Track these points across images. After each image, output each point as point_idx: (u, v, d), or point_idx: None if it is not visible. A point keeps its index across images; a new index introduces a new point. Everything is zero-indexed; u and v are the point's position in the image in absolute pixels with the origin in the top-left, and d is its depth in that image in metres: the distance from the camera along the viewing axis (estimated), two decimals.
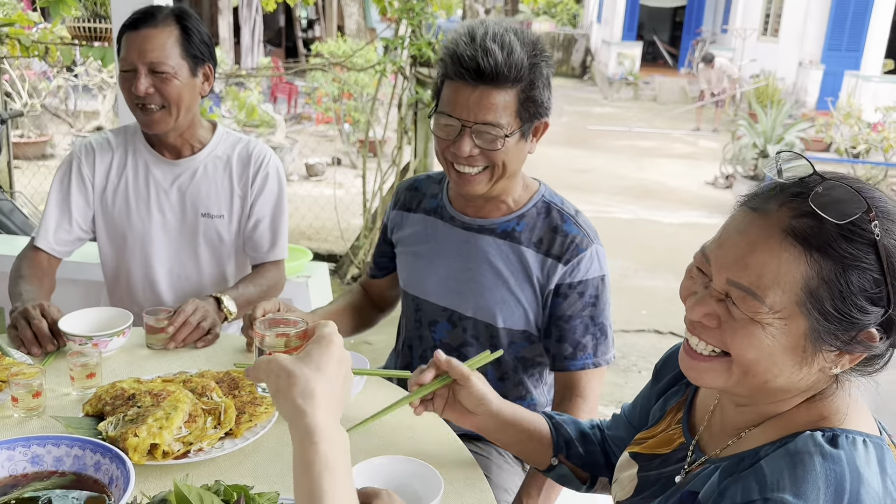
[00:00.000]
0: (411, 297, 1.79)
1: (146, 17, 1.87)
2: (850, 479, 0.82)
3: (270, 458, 1.31)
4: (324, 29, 17.03)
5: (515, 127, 1.52)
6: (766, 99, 11.63)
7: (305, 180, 8.48)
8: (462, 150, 1.52)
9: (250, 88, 9.17)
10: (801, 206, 0.85)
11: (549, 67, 1.55)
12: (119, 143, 2.05)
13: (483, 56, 1.45)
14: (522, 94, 1.50)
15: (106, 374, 1.56)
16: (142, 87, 1.85)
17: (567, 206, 1.68)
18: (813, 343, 0.87)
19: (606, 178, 9.70)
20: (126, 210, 2.02)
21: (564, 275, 1.60)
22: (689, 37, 21.74)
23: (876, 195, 0.86)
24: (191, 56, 1.91)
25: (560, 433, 1.32)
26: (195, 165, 2.03)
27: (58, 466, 1.16)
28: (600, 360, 1.64)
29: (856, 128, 8.76)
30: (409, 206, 1.82)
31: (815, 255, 0.84)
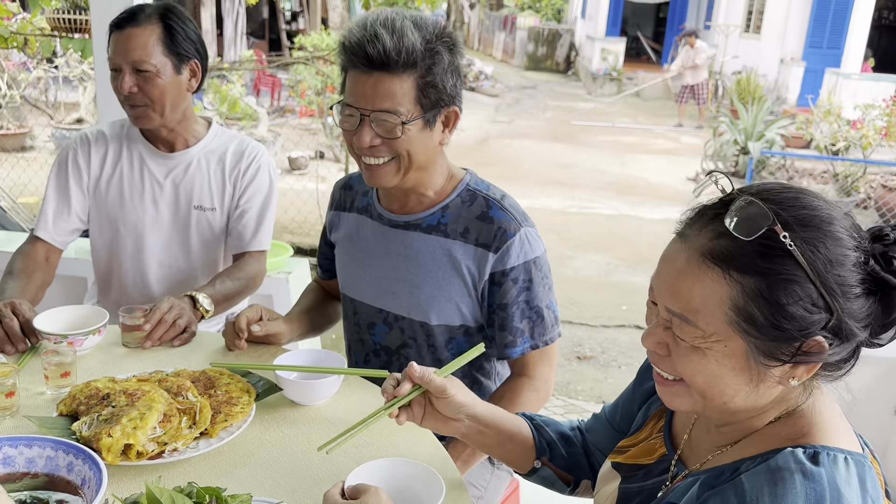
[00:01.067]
0: (349, 300, 1.77)
1: (130, 17, 1.90)
2: (830, 499, 0.82)
3: (245, 458, 1.31)
4: (307, 21, 16.94)
5: (416, 114, 1.49)
6: (748, 96, 11.71)
7: (288, 174, 8.44)
8: (363, 140, 1.50)
9: (233, 81, 9.10)
10: (718, 227, 0.87)
11: (452, 54, 1.51)
12: (114, 134, 2.09)
13: (371, 41, 1.43)
14: (420, 80, 1.47)
15: (81, 373, 1.55)
16: (126, 85, 1.89)
17: (493, 192, 1.64)
18: (757, 361, 0.87)
19: (589, 173, 9.74)
20: (120, 201, 2.06)
21: (496, 263, 1.58)
22: (673, 33, 21.80)
23: (794, 205, 0.86)
24: (174, 54, 1.93)
25: (542, 435, 1.31)
26: (189, 159, 2.06)
27: (30, 468, 1.16)
28: (538, 342, 1.62)
29: (835, 125, 8.83)
30: (343, 206, 1.80)
31: (733, 274, 0.85)
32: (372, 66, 1.45)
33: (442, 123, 1.55)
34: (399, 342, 1.70)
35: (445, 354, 1.67)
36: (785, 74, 14.86)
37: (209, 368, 1.53)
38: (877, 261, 0.86)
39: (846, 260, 0.85)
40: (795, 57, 14.96)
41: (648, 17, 24.85)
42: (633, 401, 1.26)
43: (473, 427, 1.24)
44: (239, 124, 9.03)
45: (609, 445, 1.28)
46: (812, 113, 9.50)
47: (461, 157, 1.90)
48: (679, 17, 22.23)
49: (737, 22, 17.24)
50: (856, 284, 0.85)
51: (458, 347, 1.67)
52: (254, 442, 1.36)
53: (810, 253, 0.83)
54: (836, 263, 0.84)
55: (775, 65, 15.21)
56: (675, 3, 22.49)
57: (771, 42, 15.62)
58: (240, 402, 1.41)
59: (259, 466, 1.29)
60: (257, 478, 1.26)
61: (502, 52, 25.12)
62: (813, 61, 14.46)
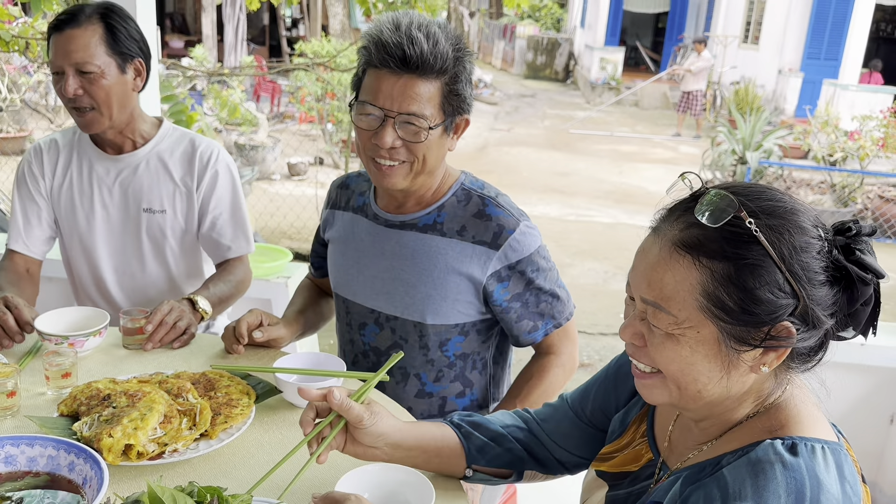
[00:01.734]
0: (342, 299, 1.77)
1: (69, 18, 1.85)
2: (810, 487, 0.85)
3: (245, 459, 1.32)
4: (308, 28, 16.98)
5: (439, 120, 1.50)
6: (746, 106, 11.75)
7: (287, 179, 8.46)
8: (384, 142, 1.48)
9: (233, 87, 9.12)
10: (689, 218, 0.91)
11: (471, 64, 1.54)
12: (66, 142, 2.07)
13: (409, 44, 1.43)
14: (446, 86, 1.49)
15: (81, 374, 1.56)
16: (70, 88, 1.84)
17: (488, 190, 1.66)
18: (728, 346, 0.90)
19: (587, 181, 9.76)
20: (72, 208, 2.03)
21: (499, 259, 1.59)
22: (672, 43, 21.90)
23: (760, 197, 0.91)
24: (118, 53, 1.88)
25: (471, 442, 1.30)
26: (137, 161, 2.02)
27: (31, 467, 1.17)
28: (560, 320, 1.67)
29: (833, 136, 8.87)
30: (338, 205, 1.80)
31: (703, 261, 0.89)
32: (406, 67, 1.45)
33: (454, 130, 1.58)
34: (389, 343, 1.70)
35: (437, 355, 1.68)
36: (783, 85, 14.91)
37: (209, 370, 1.54)
38: (840, 251, 0.90)
39: (810, 247, 0.89)
40: (793, 68, 15.02)
41: (647, 27, 24.95)
42: (607, 399, 1.26)
43: (395, 453, 1.23)
44: (239, 129, 9.05)
45: (571, 435, 1.29)
46: (810, 123, 9.55)
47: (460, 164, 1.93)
48: (678, 27, 22.33)
49: (735, 32, 17.32)
50: (820, 272, 0.89)
51: (453, 349, 1.68)
52: (253, 444, 1.37)
53: (776, 239, 0.87)
54: (800, 250, 0.88)
55: (773, 75, 15.27)
56: (673, 14, 22.59)
57: (769, 53, 15.68)
58: (240, 404, 1.42)
59: (258, 468, 1.29)
60: (257, 479, 1.26)
61: (501, 60, 25.20)
62: (811, 72, 14.52)
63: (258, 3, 6.45)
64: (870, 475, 2.91)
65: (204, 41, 14.92)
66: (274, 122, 11.15)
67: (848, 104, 11.77)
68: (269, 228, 6.47)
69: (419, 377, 1.70)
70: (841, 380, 2.78)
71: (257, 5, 6.48)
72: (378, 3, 5.60)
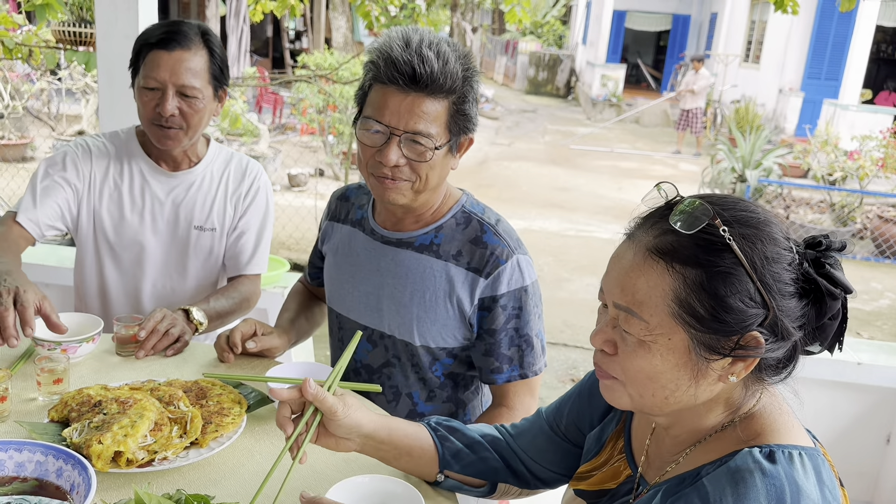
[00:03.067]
0: (335, 314, 1.75)
1: (177, 37, 1.84)
2: (790, 493, 0.85)
3: (235, 468, 1.31)
4: (311, 41, 17.07)
5: (445, 139, 1.48)
6: (746, 124, 11.79)
7: (287, 190, 8.47)
8: (388, 160, 1.46)
9: (235, 97, 9.16)
10: (664, 225, 0.92)
11: (478, 83, 1.52)
12: (114, 149, 2.03)
13: (419, 62, 1.41)
14: (454, 106, 1.47)
15: (74, 380, 1.55)
16: (168, 108, 1.83)
17: (488, 216, 1.62)
18: (698, 355, 0.91)
19: (587, 197, 9.77)
20: (119, 218, 1.99)
21: (486, 288, 1.55)
22: (673, 61, 22.02)
23: (735, 207, 0.93)
24: (215, 79, 1.91)
25: (445, 447, 1.29)
26: (192, 179, 2.02)
27: (19, 472, 1.16)
28: (527, 371, 1.60)
29: (832, 155, 8.89)
30: (337, 216, 1.78)
31: (676, 267, 0.90)
32: (414, 86, 1.42)
33: (458, 149, 1.56)
34: (382, 361, 1.67)
35: (429, 375, 1.65)
36: (783, 104, 14.98)
37: (201, 379, 1.54)
38: (810, 264, 0.91)
39: (781, 258, 0.90)
40: (794, 87, 15.09)
41: (649, 44, 25.10)
42: (581, 415, 1.25)
43: (368, 444, 1.23)
44: (240, 140, 9.07)
45: (547, 449, 1.28)
46: (810, 143, 9.57)
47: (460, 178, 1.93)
48: (679, 45, 22.45)
49: (736, 51, 17.42)
50: (790, 283, 0.90)
51: (444, 369, 1.65)
52: (244, 453, 1.36)
53: (748, 248, 0.89)
54: (772, 261, 0.89)
55: (774, 94, 15.34)
56: (675, 32, 22.73)
57: (770, 72, 15.76)
58: (231, 412, 1.41)
59: (248, 477, 1.29)
60: (246, 488, 1.26)
61: (503, 75, 25.32)
62: (811, 92, 14.59)
63: (261, 15, 6.48)
64: (865, 495, 2.89)
65: None
66: (275, 134, 11.18)
67: (848, 124, 11.81)
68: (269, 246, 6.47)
69: (411, 396, 1.68)
70: (837, 399, 2.79)
71: (260, 17, 6.51)
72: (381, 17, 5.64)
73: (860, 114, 12.49)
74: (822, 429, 2.95)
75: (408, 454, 1.27)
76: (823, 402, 2.78)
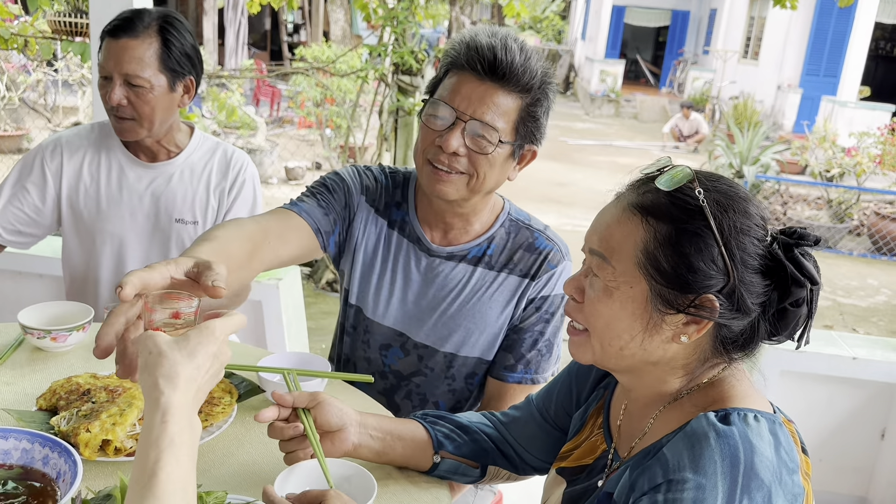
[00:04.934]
0: (362, 315, 1.65)
1: (127, 25, 1.80)
2: (743, 450, 0.88)
3: (224, 457, 1.30)
4: (309, 34, 17.03)
5: (510, 138, 1.43)
6: (744, 120, 11.79)
7: (284, 183, 8.45)
8: (449, 145, 1.39)
9: (232, 90, 9.13)
10: (648, 186, 0.98)
11: (555, 95, 1.48)
12: (92, 140, 2.00)
13: (503, 50, 1.37)
14: (527, 107, 1.43)
15: (63, 368, 1.54)
16: (115, 97, 1.81)
17: (535, 223, 1.62)
18: (654, 307, 0.96)
19: (585, 192, 9.76)
20: (97, 211, 1.97)
21: (531, 289, 1.56)
22: (672, 57, 22.01)
23: (718, 181, 0.97)
24: (169, 69, 1.85)
25: (436, 430, 1.30)
26: (171, 170, 1.98)
27: (5, 459, 1.15)
28: (538, 377, 1.59)
29: (830, 152, 8.89)
30: (376, 204, 1.62)
31: (650, 220, 0.95)
32: (492, 74, 1.38)
33: (520, 158, 1.51)
34: (413, 369, 1.64)
35: (461, 385, 1.63)
36: (782, 101, 14.98)
37: None
38: (780, 246, 0.94)
39: (751, 232, 0.94)
40: (792, 84, 15.09)
41: (648, 40, 25.07)
42: (569, 397, 1.28)
43: (363, 437, 1.24)
44: (237, 133, 9.05)
45: (536, 437, 1.30)
46: (807, 139, 9.57)
47: None
48: (678, 41, 22.44)
49: (735, 48, 17.41)
50: (755, 258, 0.93)
51: (478, 380, 1.64)
52: (233, 442, 1.35)
53: (719, 214, 0.92)
54: (740, 231, 0.93)
55: (772, 91, 15.34)
56: (674, 28, 22.71)
57: (769, 68, 15.76)
58: (221, 402, 1.40)
59: (238, 466, 1.28)
60: (236, 478, 1.25)
61: None
62: (810, 88, 14.59)
63: (258, 7, 6.46)
64: (860, 490, 2.89)
65: (205, 44, 14.95)
66: (273, 127, 11.15)
67: (846, 121, 11.82)
68: None
69: (437, 405, 1.66)
70: (832, 394, 2.78)
71: (258, 9, 6.49)
72: (378, 10, 5.61)
73: (858, 110, 12.50)
74: (816, 423, 2.96)
75: (400, 439, 1.27)
76: (819, 396, 2.78)
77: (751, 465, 0.86)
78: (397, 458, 1.28)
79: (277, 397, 1.20)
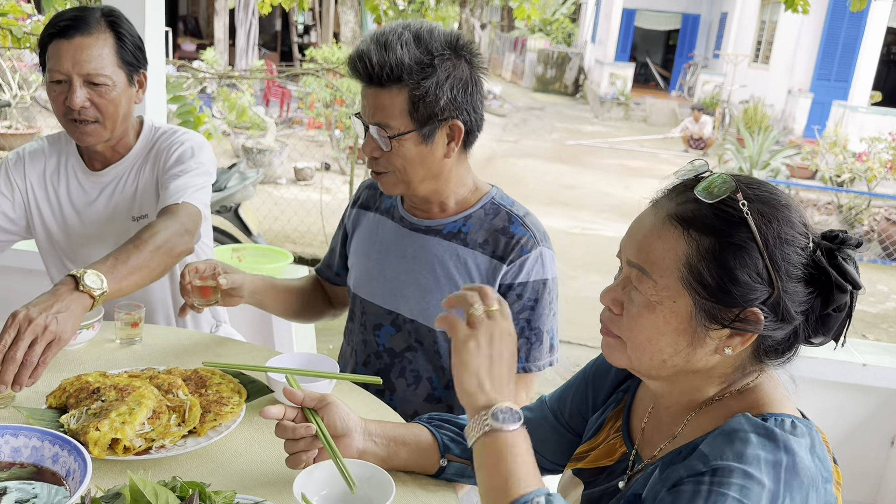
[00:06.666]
0: (359, 299, 1.75)
1: (77, 24, 1.73)
2: (785, 451, 0.87)
3: (233, 457, 1.31)
4: (320, 35, 17.07)
5: (408, 128, 1.50)
6: (755, 125, 11.74)
7: (293, 184, 8.47)
8: (364, 150, 1.55)
9: (242, 90, 9.16)
10: (688, 195, 0.95)
11: (458, 67, 1.50)
12: (53, 151, 1.95)
13: (360, 57, 1.47)
14: (411, 93, 1.47)
15: (73, 367, 1.55)
16: (77, 100, 1.73)
17: (517, 208, 1.65)
18: (699, 321, 0.94)
19: (593, 195, 9.75)
20: (62, 222, 1.94)
21: (506, 275, 1.57)
22: (682, 60, 21.96)
23: (760, 187, 0.95)
24: (127, 63, 1.80)
25: (442, 434, 1.30)
26: (122, 172, 1.92)
27: (15, 457, 1.15)
28: (530, 365, 1.59)
29: (841, 157, 8.86)
30: (367, 205, 1.80)
31: (692, 233, 0.93)
32: (370, 80, 1.49)
33: (446, 136, 1.55)
34: (404, 345, 1.69)
35: (448, 363, 1.65)
36: (792, 105, 14.92)
37: (201, 368, 1.53)
38: (823, 253, 0.93)
39: (794, 241, 0.92)
40: (803, 88, 15.03)
41: (658, 43, 25.02)
42: (584, 400, 1.27)
43: (371, 442, 1.25)
44: (247, 133, 9.08)
45: (549, 440, 1.29)
46: (818, 144, 9.53)
47: None
48: (689, 44, 22.39)
49: (746, 51, 17.36)
50: (799, 267, 0.92)
51: None
52: (242, 442, 1.35)
53: (763, 225, 0.91)
54: (784, 242, 0.91)
55: (783, 95, 15.28)
56: (685, 31, 22.66)
57: (779, 72, 15.70)
58: (230, 402, 1.40)
59: (246, 466, 1.28)
60: (244, 478, 1.25)
61: (511, 72, 25.28)
62: (820, 93, 14.53)
63: (269, 8, 6.48)
64: (869, 497, 2.87)
65: (216, 45, 15.01)
66: (282, 127, 11.18)
67: (857, 126, 11.77)
68: (272, 231, 6.47)
69: (430, 381, 1.69)
70: (842, 401, 2.77)
71: (269, 10, 6.50)
72: (389, 11, 5.62)
73: (869, 115, 12.44)
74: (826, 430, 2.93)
75: (404, 444, 1.27)
76: (828, 403, 2.76)
77: (792, 465, 0.86)
78: (402, 463, 1.28)
79: (288, 393, 1.21)
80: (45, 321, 1.32)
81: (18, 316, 1.32)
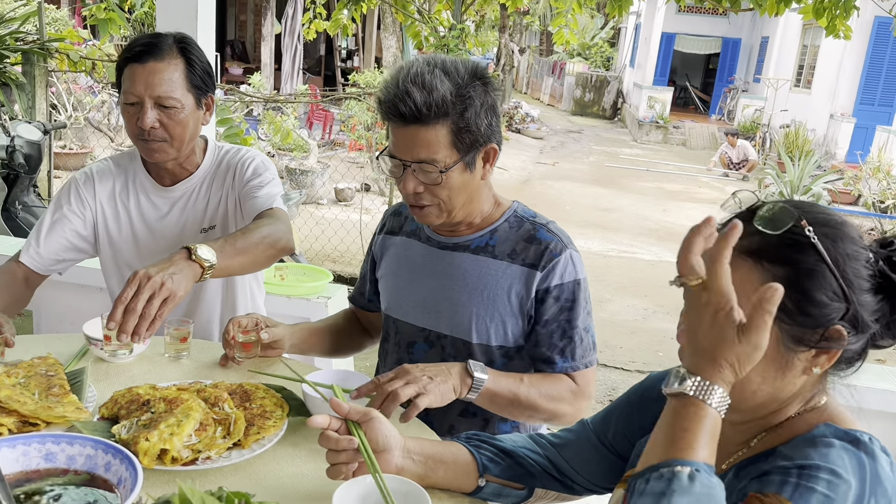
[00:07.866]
0: (392, 320, 1.80)
1: (151, 49, 1.84)
2: (868, 460, 0.90)
3: (275, 470, 1.35)
4: (362, 60, 17.33)
5: (454, 159, 1.55)
6: (796, 149, 11.59)
7: (334, 204, 8.58)
8: (407, 188, 1.57)
9: (287, 113, 9.35)
10: (749, 228, 0.96)
11: (487, 94, 1.55)
12: (120, 170, 2.05)
13: (402, 99, 1.50)
14: (454, 126, 1.53)
15: (124, 379, 1.61)
16: (148, 121, 1.83)
17: (539, 218, 1.71)
18: (787, 347, 0.96)
19: (631, 218, 9.70)
20: (131, 237, 2.02)
21: (542, 281, 1.62)
22: (722, 84, 21.77)
23: (813, 209, 0.99)
24: (196, 87, 1.90)
25: (481, 453, 1.33)
26: (192, 187, 2.02)
27: (70, 465, 1.20)
28: (579, 363, 1.64)
29: (885, 182, 8.70)
30: (393, 230, 1.85)
31: (765, 264, 0.96)
32: (406, 120, 1.52)
33: (482, 160, 1.61)
34: (438, 360, 1.70)
35: None
36: (834, 130, 14.68)
37: (246, 382, 1.58)
38: (885, 262, 0.98)
39: (859, 256, 0.97)
40: (846, 113, 14.78)
41: (697, 67, 24.84)
42: (630, 424, 1.27)
43: (410, 459, 1.27)
44: (290, 154, 9.25)
45: (591, 461, 1.30)
46: (861, 169, 9.37)
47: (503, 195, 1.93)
48: (729, 68, 22.19)
49: (787, 76, 17.14)
50: (866, 279, 0.96)
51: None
52: (284, 456, 1.40)
53: (830, 246, 0.95)
54: (851, 258, 0.96)
55: (825, 120, 15.04)
56: (725, 55, 22.47)
57: (821, 97, 15.47)
58: (273, 416, 1.45)
59: (287, 479, 1.32)
60: (285, 490, 1.29)
61: (549, 96, 25.33)
62: (864, 118, 14.27)
63: (315, 34, 6.64)
64: None
65: (262, 69, 15.33)
66: (325, 149, 11.35)
67: None
68: (313, 251, 6.57)
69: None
70: (884, 430, 2.70)
71: (314, 35, 6.67)
72: (430, 38, 5.71)
73: None
74: None
75: (442, 462, 1.30)
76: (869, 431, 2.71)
77: (876, 473, 0.89)
78: (439, 481, 1.30)
79: (335, 405, 1.25)
80: (162, 279, 1.48)
81: (139, 274, 1.47)
